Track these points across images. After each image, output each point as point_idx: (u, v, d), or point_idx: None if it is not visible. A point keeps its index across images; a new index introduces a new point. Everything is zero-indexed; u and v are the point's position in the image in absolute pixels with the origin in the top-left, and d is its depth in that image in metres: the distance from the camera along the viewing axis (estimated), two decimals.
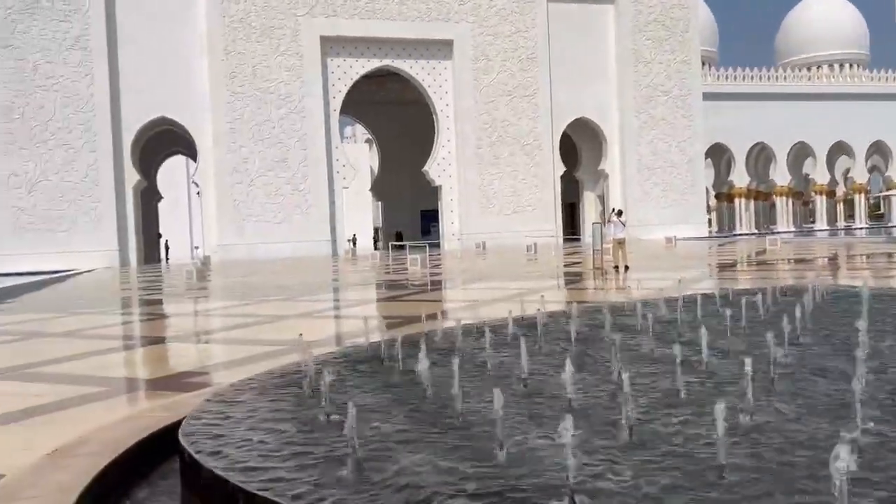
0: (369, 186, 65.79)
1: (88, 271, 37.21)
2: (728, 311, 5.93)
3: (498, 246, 45.89)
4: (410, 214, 62.07)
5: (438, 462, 2.97)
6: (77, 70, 41.35)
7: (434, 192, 55.18)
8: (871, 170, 75.59)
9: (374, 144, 65.15)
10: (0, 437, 5.54)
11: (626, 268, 21.65)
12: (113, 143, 41.78)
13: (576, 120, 50.85)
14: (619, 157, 51.45)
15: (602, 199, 54.15)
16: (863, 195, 70.50)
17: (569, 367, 3.79)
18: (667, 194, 51.60)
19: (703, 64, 57.97)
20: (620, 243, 22.34)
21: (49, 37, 41.03)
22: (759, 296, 7.09)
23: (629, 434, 3.23)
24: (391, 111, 58.99)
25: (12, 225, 40.65)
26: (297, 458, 3.17)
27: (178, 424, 3.97)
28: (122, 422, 4.82)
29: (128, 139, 42.59)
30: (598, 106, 51.07)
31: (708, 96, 54.63)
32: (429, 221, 62.02)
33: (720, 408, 2.80)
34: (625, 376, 3.56)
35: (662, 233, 47.53)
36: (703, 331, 4.80)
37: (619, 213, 24.20)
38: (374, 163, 66.68)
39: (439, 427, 3.56)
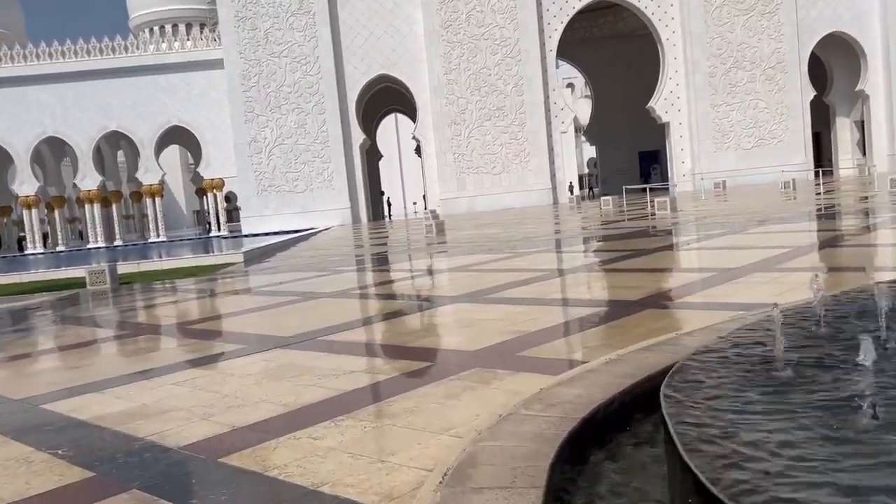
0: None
1: (326, 229, 38.61)
2: None
3: (739, 186, 41.36)
4: (628, 157, 58.29)
5: None
6: (303, 34, 42.65)
7: (653, 131, 51.24)
8: None
9: (588, 85, 61.77)
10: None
11: None
12: (339, 104, 42.82)
13: (826, 36, 44.14)
14: (882, 73, 44.04)
15: (861, 124, 46.96)
16: None
17: None
18: None
19: None
20: None
21: (276, 3, 42.58)
22: None
23: None
24: (605, 48, 55.26)
25: (255, 188, 43.32)
26: None
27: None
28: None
29: (352, 99, 43.45)
30: (855, 17, 43.87)
31: None
32: (648, 164, 58.05)
33: None
34: None
35: None
36: None
37: None
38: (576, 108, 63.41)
39: None
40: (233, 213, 67.55)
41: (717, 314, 6.53)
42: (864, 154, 47.20)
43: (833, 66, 47.24)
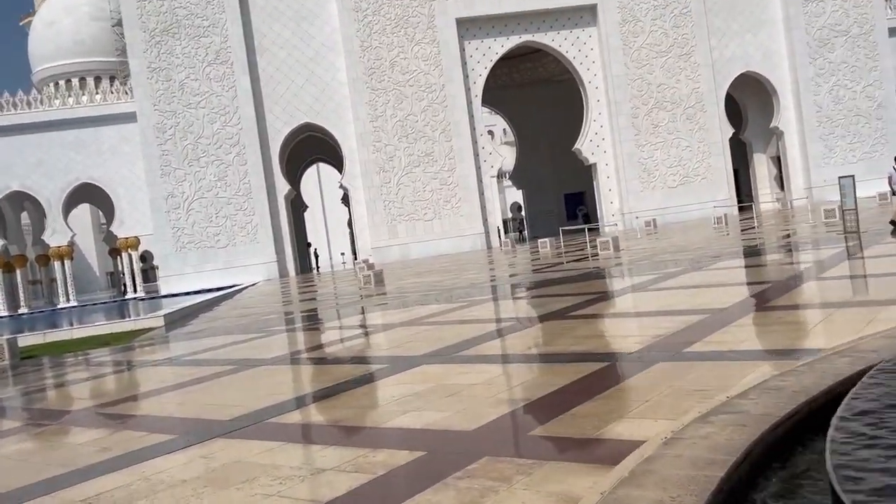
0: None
1: (252, 285, 36.57)
2: None
3: (668, 223, 41.75)
4: (555, 199, 58.57)
5: None
6: (221, 84, 41.09)
7: (578, 173, 51.64)
8: None
9: (512, 131, 62.13)
10: None
11: None
12: (261, 154, 41.22)
13: (739, 76, 45.69)
14: (794, 111, 45.78)
15: (777, 160, 48.56)
16: None
17: None
18: (855, 147, 45.38)
19: None
20: None
21: (192, 54, 40.99)
22: None
23: None
24: (527, 94, 55.77)
25: (173, 245, 40.93)
26: None
27: None
28: None
29: (275, 149, 41.95)
30: (765, 56, 45.67)
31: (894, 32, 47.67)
32: (574, 205, 58.48)
33: None
34: None
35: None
36: None
37: None
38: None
39: None
40: (149, 273, 64.17)
41: (756, 365, 5.49)
42: (781, 188, 48.70)
43: (747, 105, 48.91)
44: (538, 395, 5.89)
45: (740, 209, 45.48)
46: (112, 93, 45.78)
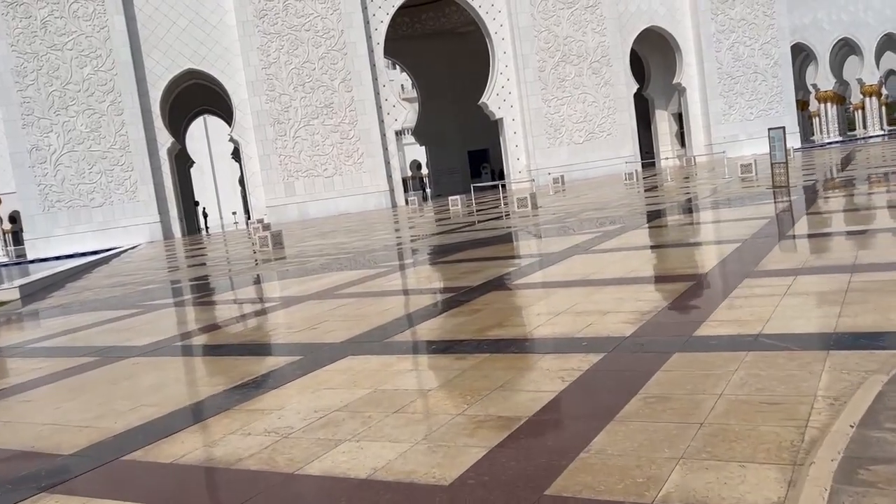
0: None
1: (132, 248, 33.06)
2: None
3: (574, 180, 40.99)
4: (459, 157, 56.94)
5: None
6: (91, 24, 36.53)
7: (482, 130, 50.19)
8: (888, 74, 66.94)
9: (414, 85, 59.66)
10: None
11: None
12: (140, 102, 37.15)
13: (643, 31, 45.15)
14: (696, 67, 45.80)
15: (678, 117, 48.73)
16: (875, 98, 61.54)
17: None
18: (753, 105, 46.01)
19: None
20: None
21: None
22: None
23: None
24: (428, 45, 53.39)
25: (40, 204, 36.52)
26: None
27: None
28: None
29: (155, 97, 37.92)
30: (669, 12, 45.27)
31: None
32: (478, 163, 57.14)
33: None
34: None
35: (751, 149, 42.28)
36: None
37: None
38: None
39: None
40: (19, 235, 58.18)
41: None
42: (682, 145, 49.02)
43: (650, 61, 48.63)
44: (525, 407, 4.12)
45: (643, 166, 45.38)
46: None
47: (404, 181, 63.13)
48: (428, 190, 61.59)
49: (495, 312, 7.24)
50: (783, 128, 17.58)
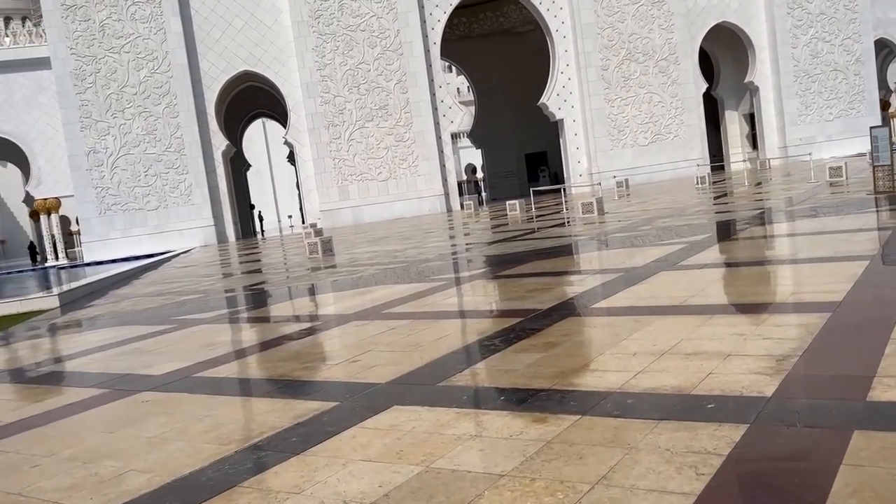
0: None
1: (185, 251, 32.64)
2: None
3: (638, 184, 38.98)
4: (515, 160, 55.33)
5: None
6: (148, 26, 36.40)
7: (540, 132, 48.57)
8: None
9: (470, 87, 58.36)
10: None
11: None
12: (195, 105, 36.84)
13: (712, 28, 42.82)
14: (770, 64, 43.22)
15: (749, 117, 46.15)
16: None
17: None
18: (832, 104, 43.15)
19: None
20: None
21: None
22: None
23: None
24: (485, 46, 52.02)
25: (97, 207, 36.52)
26: None
27: None
28: None
29: (210, 99, 37.58)
30: (742, 6, 42.82)
31: None
32: (536, 166, 55.41)
33: None
34: None
35: (830, 152, 39.57)
36: None
37: None
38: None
39: None
40: (77, 238, 59.16)
41: None
42: (753, 147, 46.42)
43: (720, 59, 46.23)
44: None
45: (712, 169, 43.02)
46: (24, 35, 40.64)
47: (459, 185, 61.88)
48: (483, 194, 60.06)
49: (576, 348, 5.83)
50: (888, 127, 15.60)
